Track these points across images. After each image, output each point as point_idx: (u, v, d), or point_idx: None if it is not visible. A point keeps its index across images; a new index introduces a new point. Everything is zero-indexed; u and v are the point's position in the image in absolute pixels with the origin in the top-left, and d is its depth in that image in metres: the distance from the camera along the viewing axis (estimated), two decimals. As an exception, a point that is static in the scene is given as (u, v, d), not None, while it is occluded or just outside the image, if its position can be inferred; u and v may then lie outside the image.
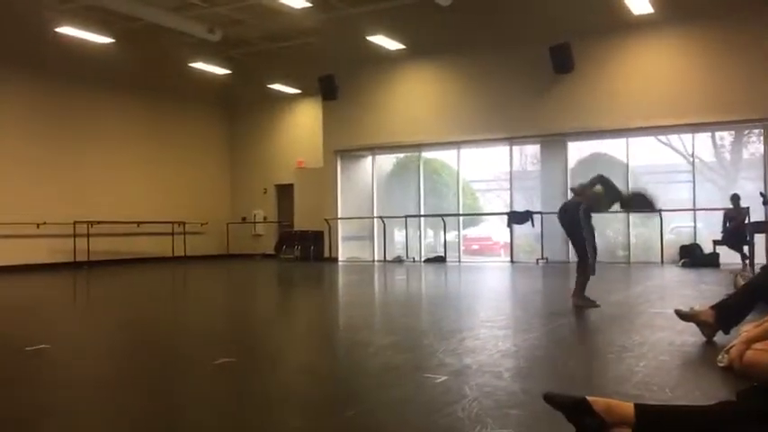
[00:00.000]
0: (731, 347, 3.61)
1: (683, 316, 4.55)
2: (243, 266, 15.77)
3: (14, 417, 3.12)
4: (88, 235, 15.10)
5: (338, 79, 16.34)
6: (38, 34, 14.25)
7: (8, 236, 13.83)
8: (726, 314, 4.34)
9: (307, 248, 17.21)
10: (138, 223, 16.37)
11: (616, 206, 7.17)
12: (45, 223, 14.46)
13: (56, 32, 13.56)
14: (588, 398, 2.33)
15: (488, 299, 8.41)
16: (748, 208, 12.27)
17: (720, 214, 12.64)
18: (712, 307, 4.45)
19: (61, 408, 3.30)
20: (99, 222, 15.32)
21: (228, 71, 17.79)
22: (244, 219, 19.68)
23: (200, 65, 16.80)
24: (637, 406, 2.31)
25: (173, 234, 17.30)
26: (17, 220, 13.94)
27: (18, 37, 14.19)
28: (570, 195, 7.69)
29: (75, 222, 14.91)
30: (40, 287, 11.11)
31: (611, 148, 14.65)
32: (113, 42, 14.44)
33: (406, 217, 16.27)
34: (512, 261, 14.99)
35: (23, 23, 14.20)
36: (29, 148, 14.57)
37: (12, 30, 14.07)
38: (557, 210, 7.62)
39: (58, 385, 3.84)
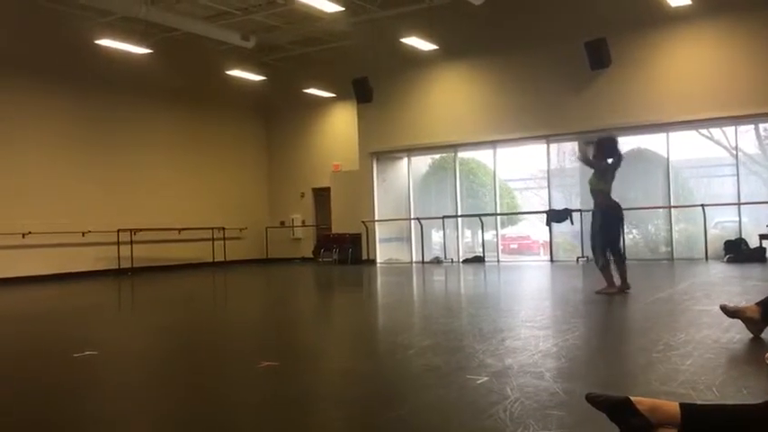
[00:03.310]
0: (780, 344, 3.53)
1: (728, 312, 4.46)
2: (282, 270, 15.92)
3: (62, 424, 3.21)
4: (131, 242, 15.41)
5: (372, 82, 16.39)
6: (78, 47, 14.62)
7: (55, 244, 14.19)
8: None
9: (345, 251, 17.29)
10: (180, 230, 16.65)
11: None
12: (90, 231, 14.80)
13: (96, 44, 13.88)
14: (632, 398, 2.30)
15: (528, 298, 8.34)
16: (795, 201, 11.98)
17: (766, 208, 12.34)
18: (758, 303, 4.35)
19: (109, 414, 3.38)
20: (141, 230, 15.63)
21: (264, 77, 17.99)
22: (282, 223, 19.87)
23: (236, 72, 17.01)
24: (682, 405, 2.28)
25: (213, 240, 17.55)
26: (63, 229, 14.30)
27: (60, 50, 14.58)
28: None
29: (118, 230, 15.24)
30: (86, 294, 11.37)
31: (652, 143, 14.40)
32: (151, 53, 14.73)
33: (443, 218, 16.24)
34: (551, 260, 14.85)
35: (65, 37, 14.59)
36: (72, 159, 14.94)
37: (54, 43, 14.47)
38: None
39: (105, 392, 3.93)
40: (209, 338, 5.82)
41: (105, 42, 13.78)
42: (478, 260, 15.50)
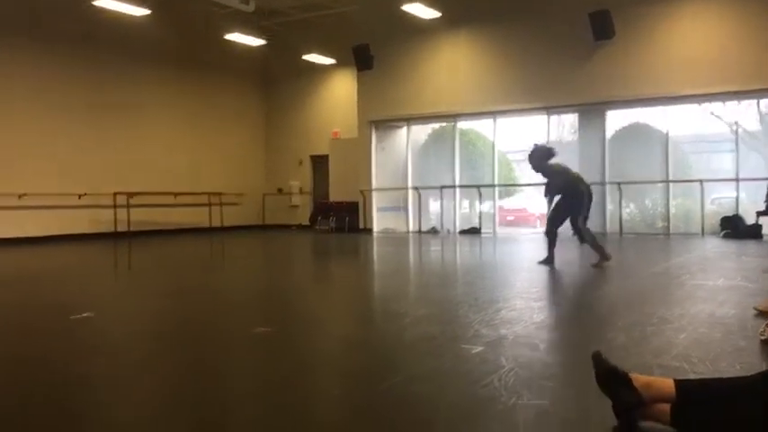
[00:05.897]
0: (774, 321, 3.55)
1: (757, 311, 4.40)
2: (278, 237, 15.93)
3: (58, 383, 3.22)
4: (128, 206, 15.35)
5: (373, 49, 16.21)
6: (75, 7, 14.39)
7: (52, 206, 14.15)
8: None
9: (342, 219, 17.28)
10: (176, 194, 16.59)
11: None
12: (86, 194, 14.76)
13: (93, 4, 13.67)
14: (629, 374, 2.30)
15: (524, 270, 8.36)
16: (793, 178, 11.96)
17: (764, 185, 12.32)
18: None
19: (105, 376, 3.39)
20: (138, 193, 15.57)
21: (263, 42, 17.78)
22: (280, 190, 19.83)
23: (235, 36, 16.81)
24: (677, 382, 2.28)
25: (209, 205, 17.50)
26: (60, 191, 14.26)
27: (56, 11, 14.35)
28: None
29: (115, 194, 15.18)
30: (82, 257, 11.38)
31: (652, 117, 14.32)
32: (149, 14, 14.52)
33: (441, 188, 16.21)
34: (548, 232, 14.83)
35: (62, -3, 14.37)
36: (70, 122, 14.82)
37: (50, 4, 14.25)
38: (594, 180, 7.67)
39: (102, 353, 3.94)
40: (204, 303, 5.83)
41: (103, 3, 13.58)
42: (475, 231, 15.52)
